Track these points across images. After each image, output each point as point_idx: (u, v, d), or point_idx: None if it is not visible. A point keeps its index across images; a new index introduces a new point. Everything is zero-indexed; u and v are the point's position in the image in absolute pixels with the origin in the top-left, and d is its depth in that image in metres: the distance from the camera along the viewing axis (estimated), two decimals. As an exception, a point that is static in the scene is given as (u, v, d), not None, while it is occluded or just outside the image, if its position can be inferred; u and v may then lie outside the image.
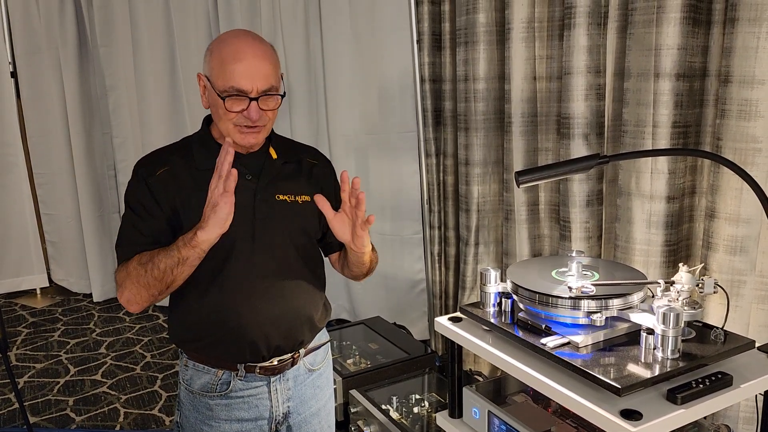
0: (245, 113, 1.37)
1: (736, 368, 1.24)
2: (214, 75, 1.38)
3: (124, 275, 1.38)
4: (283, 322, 1.48)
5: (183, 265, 1.33)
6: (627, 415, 1.09)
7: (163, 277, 1.33)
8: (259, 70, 1.37)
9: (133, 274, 1.36)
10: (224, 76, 1.36)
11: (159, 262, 1.33)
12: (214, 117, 1.44)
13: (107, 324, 4.02)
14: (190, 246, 1.31)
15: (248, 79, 1.35)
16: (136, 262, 1.37)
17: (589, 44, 2.11)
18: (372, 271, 1.62)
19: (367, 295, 3.50)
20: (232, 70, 1.35)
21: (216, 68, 1.37)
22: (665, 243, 1.98)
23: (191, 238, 1.31)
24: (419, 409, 2.37)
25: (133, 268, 1.36)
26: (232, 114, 1.38)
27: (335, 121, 3.36)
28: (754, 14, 1.69)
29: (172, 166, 1.44)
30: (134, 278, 1.35)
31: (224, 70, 1.36)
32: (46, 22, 4.13)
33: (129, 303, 1.38)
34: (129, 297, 1.37)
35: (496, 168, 2.65)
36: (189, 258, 1.33)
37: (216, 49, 1.39)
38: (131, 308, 1.39)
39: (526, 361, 1.30)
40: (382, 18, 3.08)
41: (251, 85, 1.36)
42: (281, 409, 1.54)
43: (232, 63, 1.35)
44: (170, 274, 1.33)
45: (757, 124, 1.73)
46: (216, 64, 1.38)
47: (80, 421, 2.90)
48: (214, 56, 1.39)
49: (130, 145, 4.16)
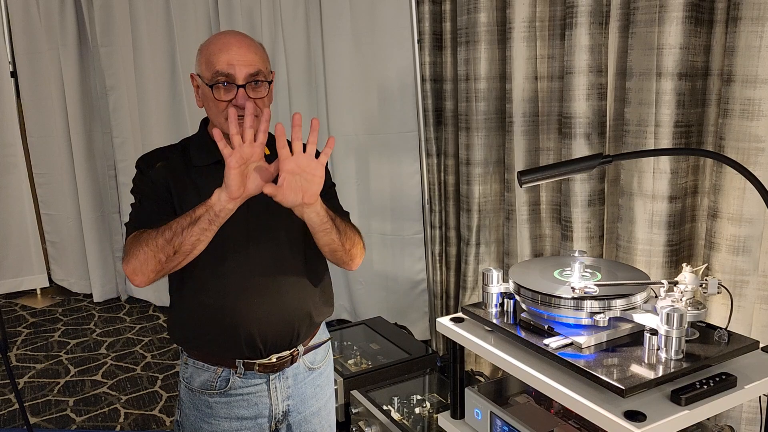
0: (234, 101, 1.39)
1: (740, 369, 1.23)
2: (202, 68, 1.43)
3: (134, 243, 1.36)
4: (278, 317, 1.48)
5: (194, 225, 1.30)
6: (631, 417, 1.09)
7: (172, 238, 1.31)
8: (244, 56, 1.40)
9: (144, 237, 1.34)
10: (210, 65, 1.40)
11: (172, 223, 1.32)
12: (209, 113, 1.47)
13: (107, 324, 4.02)
14: (204, 205, 1.30)
15: (232, 65, 1.38)
16: (148, 228, 1.37)
17: (591, 43, 2.10)
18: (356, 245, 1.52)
19: (368, 295, 3.49)
20: (217, 59, 1.39)
21: (203, 63, 1.42)
22: (667, 243, 1.97)
23: (207, 198, 1.30)
24: (420, 409, 2.36)
25: (145, 233, 1.35)
26: (222, 104, 1.40)
27: (336, 121, 3.35)
28: (756, 13, 1.68)
29: (170, 161, 1.49)
30: (144, 242, 1.33)
31: (210, 60, 1.40)
32: (46, 22, 4.13)
33: (135, 273, 1.35)
34: (135, 266, 1.35)
35: (497, 168, 2.65)
36: (201, 218, 1.30)
37: (204, 47, 1.45)
38: (136, 279, 1.36)
39: (529, 362, 1.29)
40: (383, 18, 3.08)
41: (235, 71, 1.38)
42: (281, 407, 1.54)
43: (217, 53, 1.40)
44: (180, 235, 1.31)
45: (759, 123, 1.72)
46: (204, 59, 1.42)
47: (80, 422, 2.89)
48: (203, 53, 1.44)
49: (131, 145, 4.15)
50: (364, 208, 3.40)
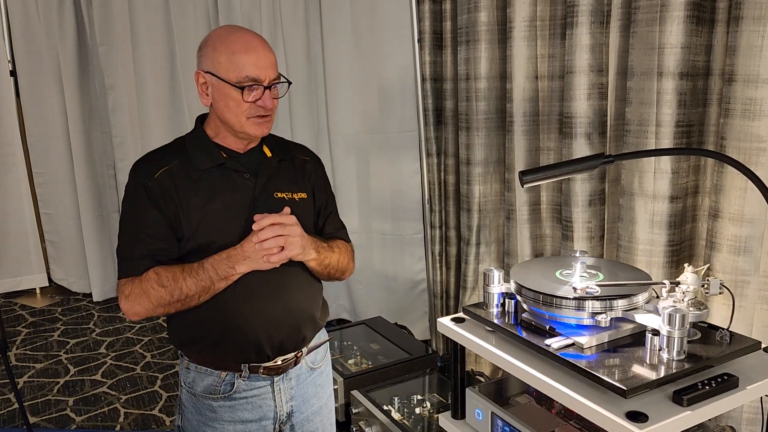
0: (260, 102, 1.41)
1: (741, 369, 1.23)
2: (223, 68, 1.39)
3: (138, 291, 1.39)
4: (285, 320, 1.48)
5: (213, 292, 1.40)
6: (633, 417, 1.09)
7: (187, 301, 1.39)
8: (268, 59, 1.42)
9: (153, 295, 1.38)
10: (237, 67, 1.38)
11: (187, 289, 1.38)
12: (223, 112, 1.43)
13: (107, 324, 4.01)
14: (224, 279, 1.39)
15: (261, 68, 1.40)
16: (155, 282, 1.38)
17: (592, 43, 2.10)
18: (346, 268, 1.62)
19: (368, 295, 3.49)
20: (245, 61, 1.38)
21: (225, 62, 1.39)
22: (668, 243, 1.97)
23: (226, 270, 1.38)
24: (421, 409, 2.36)
25: (152, 288, 1.38)
26: (246, 105, 1.40)
27: (336, 120, 3.35)
28: (758, 12, 1.68)
29: (171, 167, 1.44)
30: (154, 299, 1.38)
31: (236, 62, 1.38)
32: (45, 22, 4.12)
33: (137, 315, 1.41)
34: (139, 311, 1.41)
35: (497, 167, 2.64)
36: (221, 288, 1.40)
37: (221, 43, 1.41)
38: (135, 318, 1.44)
39: (530, 363, 1.29)
40: (383, 17, 3.07)
41: (264, 74, 1.40)
42: (285, 408, 1.54)
43: (243, 54, 1.39)
44: (195, 300, 1.40)
45: (761, 123, 1.72)
46: (225, 57, 1.39)
47: (80, 422, 2.89)
48: (220, 50, 1.40)
49: (130, 144, 4.15)
50: (364, 207, 3.40)
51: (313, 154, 1.66)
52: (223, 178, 1.45)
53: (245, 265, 1.38)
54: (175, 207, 1.41)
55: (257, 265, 1.39)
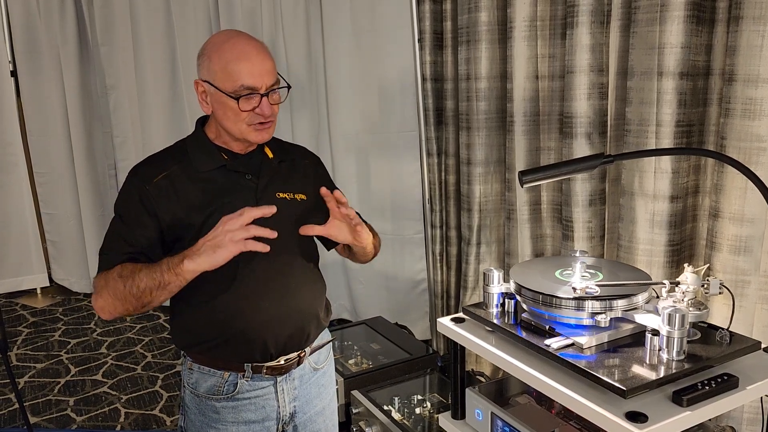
0: (257, 110, 1.39)
1: (742, 369, 1.23)
2: (218, 78, 1.38)
3: (102, 283, 1.37)
4: (289, 320, 1.48)
5: (163, 289, 1.32)
6: (632, 418, 1.08)
7: (140, 296, 1.33)
8: (264, 66, 1.40)
9: (112, 285, 1.34)
10: (232, 77, 1.37)
11: (140, 281, 1.32)
12: (222, 120, 1.43)
13: (108, 324, 4.01)
14: (173, 272, 1.31)
15: (256, 76, 1.38)
16: (117, 273, 1.35)
17: (592, 43, 2.09)
18: (377, 253, 1.67)
19: (369, 295, 3.49)
20: (239, 69, 1.37)
21: (220, 71, 1.38)
22: (668, 243, 1.97)
23: (176, 265, 1.30)
24: (421, 409, 2.36)
25: (113, 279, 1.35)
26: (245, 113, 1.39)
27: (336, 120, 3.34)
28: (758, 12, 1.68)
29: (170, 171, 1.43)
30: (111, 290, 1.34)
31: (230, 71, 1.37)
32: (46, 21, 4.12)
33: (102, 310, 1.38)
34: (103, 305, 1.37)
35: (497, 167, 2.64)
36: (170, 284, 1.32)
37: (215, 53, 1.40)
38: (103, 315, 1.38)
39: (530, 363, 1.29)
40: (383, 17, 3.07)
41: (260, 82, 1.39)
42: (288, 409, 1.54)
43: (237, 63, 1.37)
44: (148, 296, 1.33)
45: (761, 123, 1.72)
46: (219, 67, 1.38)
47: (81, 422, 2.89)
48: (215, 60, 1.39)
49: (131, 144, 4.15)
50: (365, 207, 3.40)
51: (311, 155, 1.66)
52: (226, 180, 1.45)
53: (194, 262, 1.29)
54: (174, 211, 1.40)
55: (207, 262, 1.29)
